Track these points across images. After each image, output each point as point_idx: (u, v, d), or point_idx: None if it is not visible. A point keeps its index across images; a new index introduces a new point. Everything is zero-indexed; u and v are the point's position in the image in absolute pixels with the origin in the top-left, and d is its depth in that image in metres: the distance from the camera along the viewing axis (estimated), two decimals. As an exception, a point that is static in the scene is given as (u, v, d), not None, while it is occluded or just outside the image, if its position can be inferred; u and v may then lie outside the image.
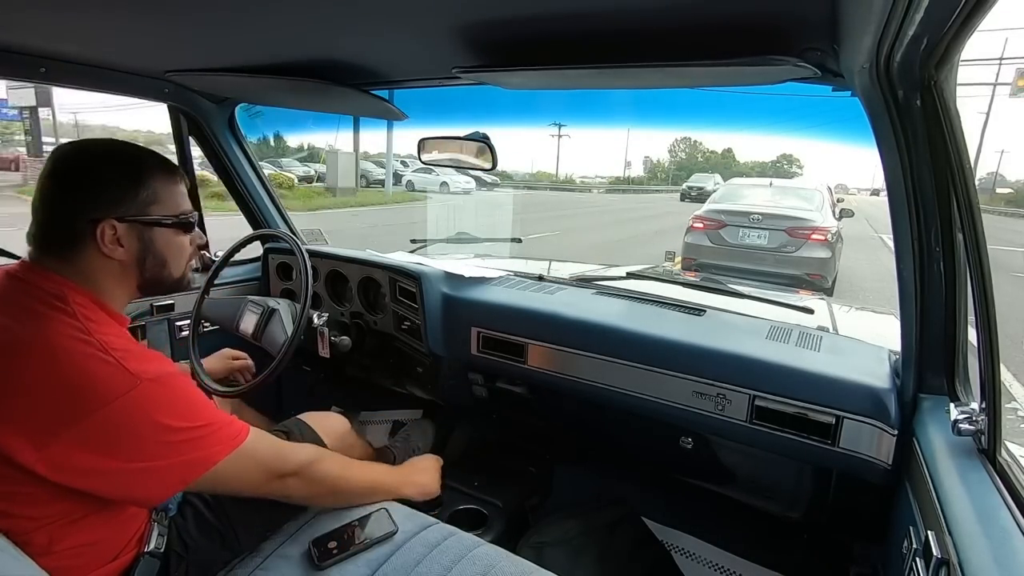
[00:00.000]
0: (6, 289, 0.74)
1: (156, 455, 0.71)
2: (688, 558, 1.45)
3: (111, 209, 0.76)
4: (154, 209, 0.80)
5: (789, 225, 5.40)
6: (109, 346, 0.70)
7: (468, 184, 16.02)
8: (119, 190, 0.77)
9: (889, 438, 0.95)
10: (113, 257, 0.77)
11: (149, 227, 0.80)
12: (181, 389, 0.75)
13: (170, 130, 1.64)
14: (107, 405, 0.67)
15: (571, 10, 0.76)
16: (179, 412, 0.73)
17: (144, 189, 0.79)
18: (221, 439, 0.77)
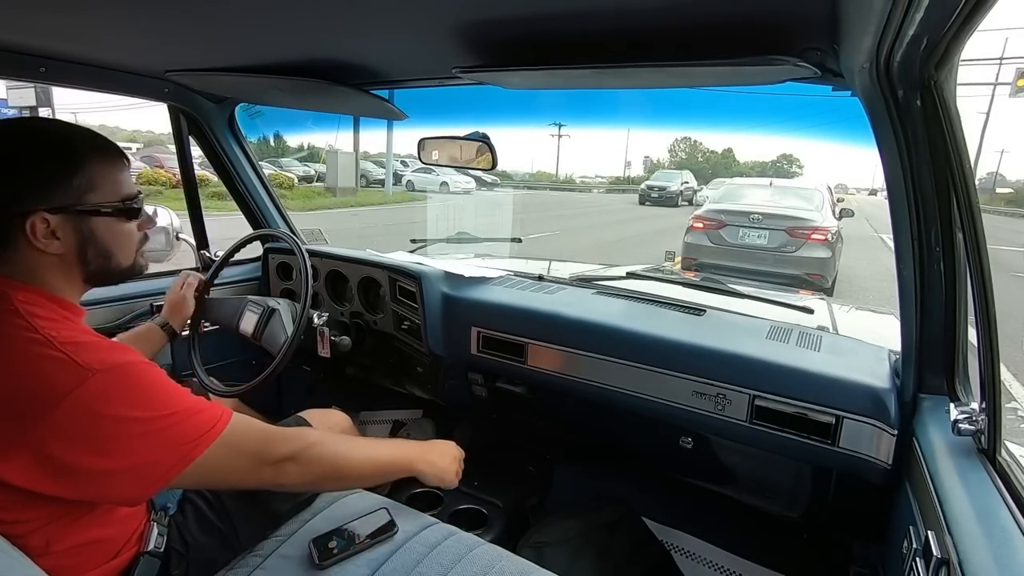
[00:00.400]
0: None
1: (125, 451, 0.65)
2: (688, 558, 1.45)
3: (40, 200, 0.68)
4: (91, 197, 0.72)
5: (789, 225, 5.40)
6: (58, 340, 0.65)
7: (468, 184, 16.01)
8: (49, 178, 0.69)
9: (889, 438, 0.95)
10: (48, 251, 0.70)
11: (87, 217, 0.72)
12: (141, 377, 0.68)
13: (170, 130, 1.65)
14: (60, 403, 0.62)
15: (571, 10, 0.76)
16: (140, 402, 0.66)
17: (78, 175, 0.71)
18: (197, 427, 0.70)
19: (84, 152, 0.72)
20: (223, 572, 0.91)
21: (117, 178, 0.76)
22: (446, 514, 1.39)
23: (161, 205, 1.68)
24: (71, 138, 0.72)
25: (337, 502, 1.05)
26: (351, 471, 0.89)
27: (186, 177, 1.68)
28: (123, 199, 0.76)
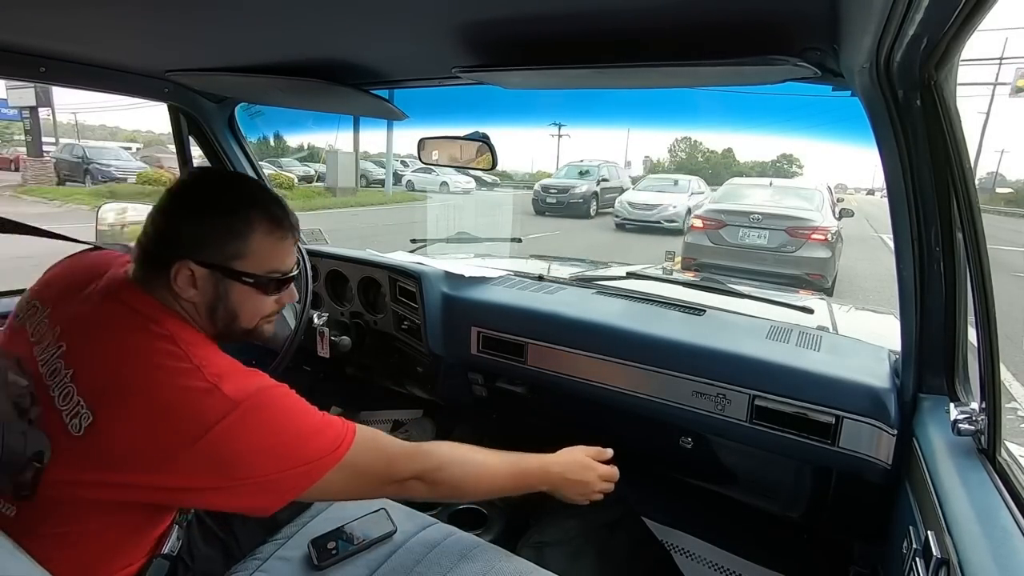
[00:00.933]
0: (109, 311, 0.73)
1: (254, 472, 0.68)
2: (688, 558, 1.45)
3: (195, 251, 0.74)
4: (239, 264, 0.76)
5: (789, 225, 5.41)
6: (206, 369, 0.69)
7: (468, 184, 15.99)
8: (210, 235, 0.74)
9: (889, 438, 0.95)
10: (183, 297, 0.75)
11: (227, 279, 0.76)
12: (277, 402, 0.72)
13: (170, 130, 1.65)
14: (206, 434, 0.65)
15: (571, 10, 0.76)
16: (276, 428, 0.70)
17: (237, 242, 0.75)
18: (322, 447, 0.72)
19: (253, 222, 0.76)
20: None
21: (272, 252, 0.78)
22: (445, 514, 1.39)
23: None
24: (249, 204, 0.76)
25: (336, 503, 1.05)
26: (479, 491, 0.90)
27: (186, 177, 1.68)
28: (268, 272, 0.79)
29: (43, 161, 15.52)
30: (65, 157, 15.67)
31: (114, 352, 0.69)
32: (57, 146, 17.40)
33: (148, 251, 0.76)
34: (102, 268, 0.80)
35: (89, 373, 0.68)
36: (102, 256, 0.86)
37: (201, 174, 0.80)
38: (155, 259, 0.75)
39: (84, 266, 0.83)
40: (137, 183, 14.38)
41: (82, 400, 0.66)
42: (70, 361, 0.69)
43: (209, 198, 0.76)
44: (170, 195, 0.77)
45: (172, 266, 0.73)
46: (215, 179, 0.79)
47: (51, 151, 16.56)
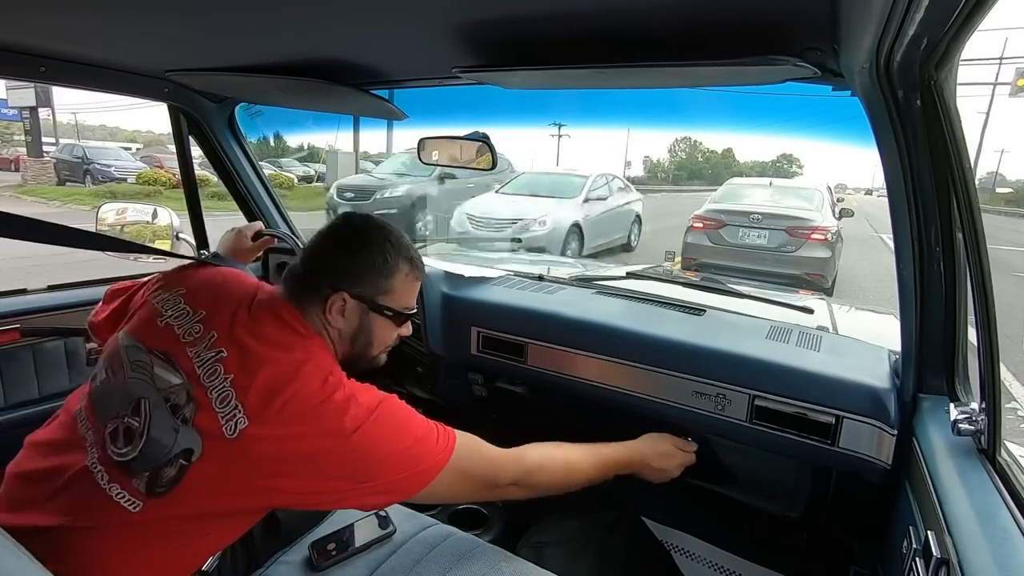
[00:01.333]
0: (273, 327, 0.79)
1: (391, 473, 0.75)
2: (688, 558, 1.45)
3: (351, 284, 0.84)
4: (384, 299, 0.87)
5: (789, 225, 5.41)
6: (344, 384, 0.77)
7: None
8: (365, 272, 0.85)
9: (889, 438, 0.95)
10: (333, 324, 0.84)
11: (372, 312, 0.86)
12: (400, 411, 0.80)
13: (170, 130, 1.64)
14: (350, 437, 0.72)
15: (571, 10, 0.76)
16: (393, 437, 0.76)
17: (386, 280, 0.86)
18: (430, 452, 0.79)
19: (399, 264, 0.87)
20: None
21: (409, 292, 0.90)
22: (445, 514, 1.39)
23: (161, 205, 1.68)
24: (395, 248, 0.87)
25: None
26: (571, 487, 0.97)
27: (186, 177, 1.68)
28: (404, 308, 0.90)
29: (43, 161, 15.53)
30: (65, 157, 15.67)
31: (273, 363, 0.74)
32: (57, 146, 17.40)
33: (303, 280, 0.85)
34: (249, 286, 0.89)
35: (248, 380, 0.72)
36: (235, 273, 0.94)
37: (352, 218, 0.89)
38: (310, 287, 0.84)
39: (229, 281, 0.90)
40: (137, 183, 14.38)
41: (240, 405, 0.70)
42: (230, 367, 0.73)
43: (363, 240, 0.86)
44: (326, 234, 0.88)
45: (328, 295, 0.82)
46: (366, 224, 0.88)
47: (51, 151, 16.56)
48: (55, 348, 1.38)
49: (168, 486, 0.69)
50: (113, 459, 0.71)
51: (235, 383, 0.71)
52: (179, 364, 0.74)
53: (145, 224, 1.64)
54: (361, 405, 0.75)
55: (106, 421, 0.74)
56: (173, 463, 0.69)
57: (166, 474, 0.69)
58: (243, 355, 0.74)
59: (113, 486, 0.70)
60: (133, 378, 0.76)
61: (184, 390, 0.72)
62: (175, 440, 0.69)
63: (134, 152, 21.65)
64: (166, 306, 0.84)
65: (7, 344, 1.29)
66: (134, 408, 0.73)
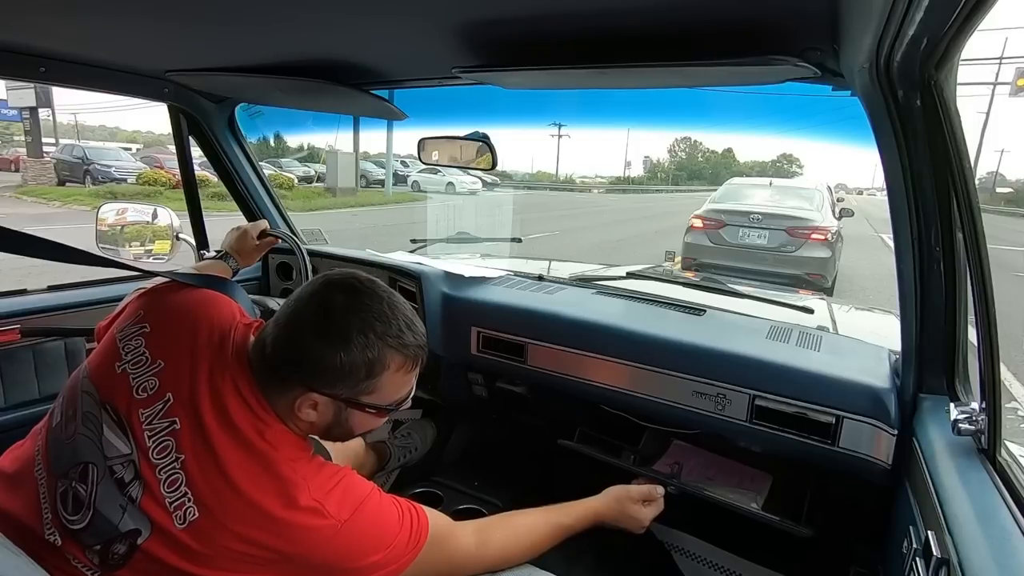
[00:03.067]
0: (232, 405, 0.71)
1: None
2: (688, 558, 1.45)
3: (324, 385, 0.72)
4: (366, 398, 0.75)
5: (789, 225, 5.41)
6: (311, 485, 0.70)
7: (474, 184, 15.93)
8: (343, 374, 0.72)
9: (889, 438, 0.95)
10: (303, 419, 0.74)
11: (350, 408, 0.76)
12: (370, 519, 0.73)
13: (170, 130, 1.65)
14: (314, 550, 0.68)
15: (571, 10, 0.76)
16: (370, 546, 0.72)
17: (368, 383, 0.74)
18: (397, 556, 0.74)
19: (387, 360, 0.73)
20: None
21: (400, 386, 0.78)
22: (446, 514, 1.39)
23: (161, 205, 1.68)
24: (383, 338, 0.73)
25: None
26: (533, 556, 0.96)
27: (186, 177, 1.68)
28: (391, 403, 0.79)
29: (43, 162, 15.53)
30: (65, 158, 15.68)
31: (230, 455, 0.68)
32: (57, 147, 17.41)
33: (269, 367, 0.73)
34: (221, 329, 0.77)
35: (200, 467, 0.66)
36: (209, 303, 0.82)
37: (333, 298, 0.73)
38: (277, 375, 0.73)
39: (199, 319, 0.79)
40: (137, 184, 14.39)
41: (190, 493, 0.65)
42: (183, 445, 0.67)
43: (343, 333, 0.71)
44: (302, 315, 0.73)
45: (296, 393, 0.72)
46: (349, 306, 0.73)
47: (51, 152, 16.57)
48: (55, 348, 1.38)
49: (121, 561, 0.65)
50: (65, 525, 0.67)
51: (186, 466, 0.66)
52: (130, 429, 0.69)
53: (145, 224, 1.64)
54: (331, 513, 0.69)
55: (58, 477, 0.69)
56: (123, 540, 0.65)
57: (117, 549, 0.65)
58: (198, 433, 0.68)
59: (69, 554, 0.67)
60: (83, 435, 0.70)
61: (131, 463, 0.67)
62: (121, 518, 0.65)
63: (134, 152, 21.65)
64: (127, 346, 0.76)
65: (7, 344, 1.29)
66: (81, 473, 0.68)
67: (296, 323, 0.73)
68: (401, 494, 1.42)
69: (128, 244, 1.61)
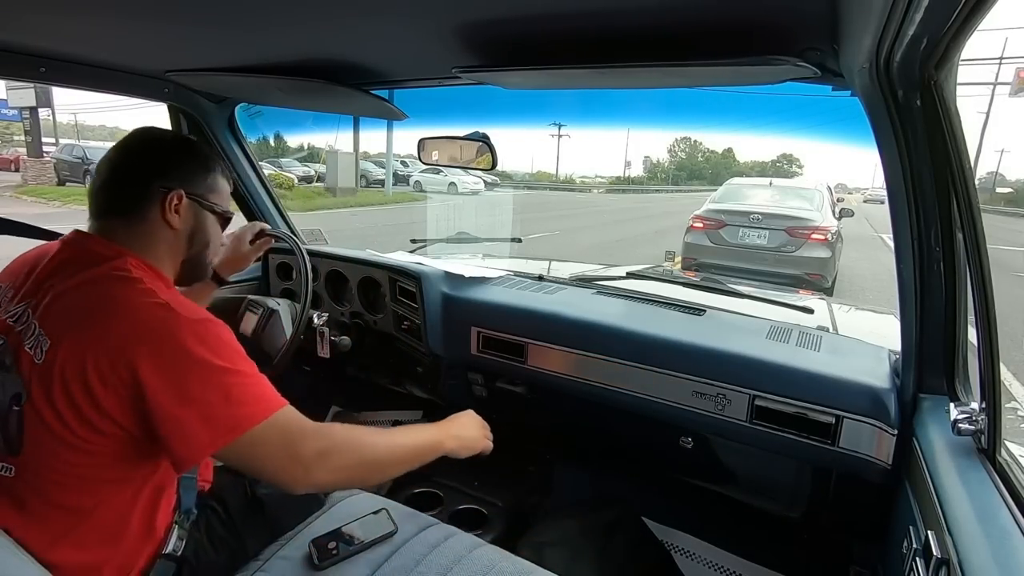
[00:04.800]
0: (70, 257, 0.79)
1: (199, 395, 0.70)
2: (688, 558, 1.45)
3: (182, 183, 0.85)
4: (212, 197, 0.89)
5: (789, 225, 5.40)
6: (160, 293, 0.76)
7: (476, 184, 15.91)
8: (193, 171, 0.87)
9: (889, 438, 0.95)
10: (171, 224, 0.84)
11: (204, 210, 0.89)
12: (224, 332, 0.77)
13: (170, 130, 1.65)
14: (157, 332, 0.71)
15: (571, 10, 0.76)
16: (221, 352, 0.74)
17: (211, 178, 0.89)
18: (261, 395, 0.75)
19: (214, 166, 0.91)
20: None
21: (226, 191, 0.94)
22: (446, 514, 1.39)
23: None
24: (208, 151, 0.93)
25: (337, 503, 1.05)
26: (382, 471, 0.89)
27: (186, 177, 1.68)
28: (225, 210, 0.93)
29: (43, 161, 15.53)
30: (65, 157, 15.67)
31: (72, 285, 0.75)
32: (57, 146, 17.39)
33: (117, 194, 0.83)
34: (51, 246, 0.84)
35: (49, 308, 0.73)
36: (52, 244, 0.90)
37: (153, 130, 0.90)
38: (129, 199, 0.83)
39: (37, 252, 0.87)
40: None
41: (41, 330, 0.71)
42: (35, 308, 0.74)
43: (181, 145, 0.90)
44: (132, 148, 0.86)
45: (163, 195, 0.82)
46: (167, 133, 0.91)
47: (51, 151, 16.56)
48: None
49: (17, 439, 0.69)
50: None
51: (40, 316, 0.73)
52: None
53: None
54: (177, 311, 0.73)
55: None
56: (11, 413, 0.70)
57: (11, 427, 0.70)
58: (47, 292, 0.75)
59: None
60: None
61: (3, 343, 0.74)
62: (3, 390, 0.70)
63: (134, 152, 21.58)
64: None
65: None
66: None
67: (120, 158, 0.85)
68: (401, 495, 1.43)
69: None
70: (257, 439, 0.73)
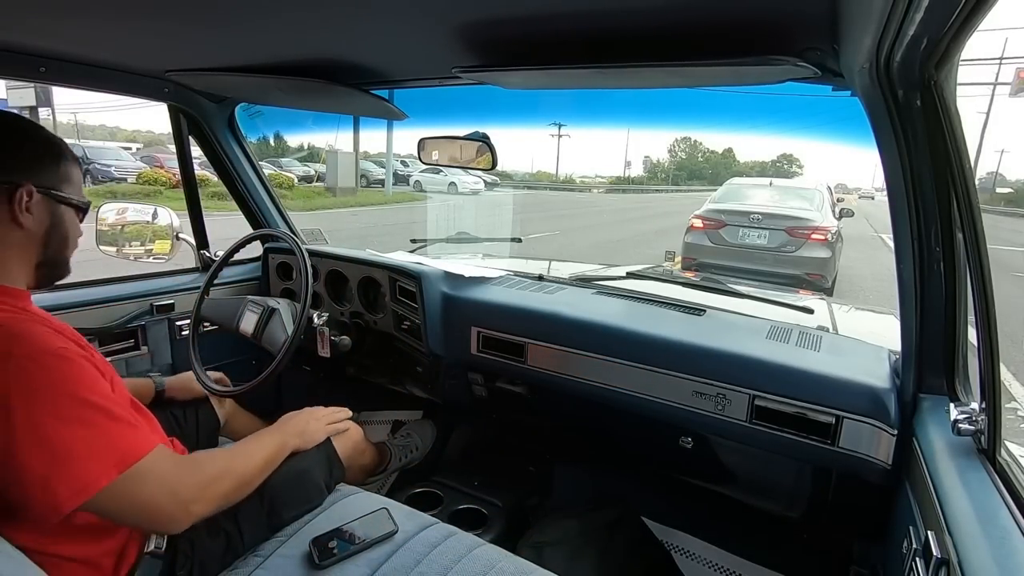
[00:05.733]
0: None
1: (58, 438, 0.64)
2: (688, 558, 1.45)
3: (30, 176, 0.75)
4: (66, 188, 0.81)
5: (789, 225, 5.40)
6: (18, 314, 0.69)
7: (476, 184, 15.92)
8: (39, 160, 0.78)
9: (889, 438, 0.95)
10: (22, 224, 0.75)
11: (59, 204, 0.80)
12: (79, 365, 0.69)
13: (170, 130, 1.65)
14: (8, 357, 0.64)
15: (571, 10, 0.76)
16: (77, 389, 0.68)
17: (62, 166, 0.80)
18: (137, 436, 0.71)
19: (64, 151, 0.81)
20: (225, 573, 0.91)
21: (79, 180, 0.84)
22: (446, 514, 1.39)
23: (161, 205, 1.68)
24: (55, 138, 0.82)
25: (338, 502, 1.05)
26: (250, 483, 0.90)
27: (186, 177, 1.69)
28: (83, 200, 0.84)
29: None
30: (65, 157, 15.64)
31: None
32: (57, 146, 17.36)
33: None
34: None
35: None
36: None
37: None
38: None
39: None
40: (137, 183, 14.38)
41: None
42: None
43: (28, 132, 0.78)
44: None
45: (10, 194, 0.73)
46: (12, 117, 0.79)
47: (51, 151, 16.52)
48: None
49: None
50: None
51: None
52: None
53: (145, 224, 1.65)
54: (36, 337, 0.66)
55: None
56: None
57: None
58: None
59: None
60: None
61: None
62: None
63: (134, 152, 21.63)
64: None
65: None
66: None
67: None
68: (401, 495, 1.43)
69: (128, 244, 1.61)
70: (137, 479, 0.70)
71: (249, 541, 0.95)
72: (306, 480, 1.03)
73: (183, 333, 1.62)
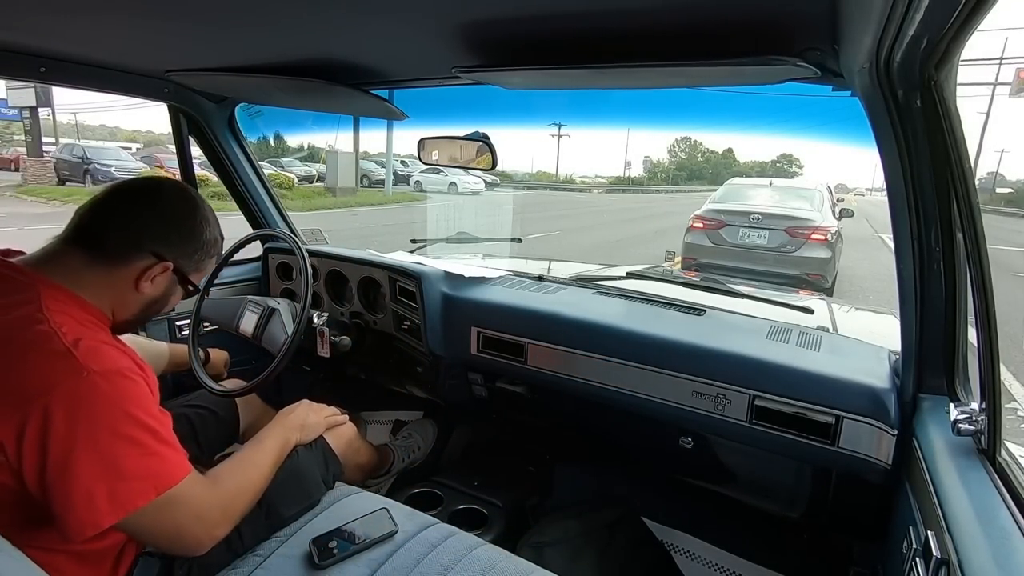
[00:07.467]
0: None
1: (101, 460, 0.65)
2: (688, 558, 1.45)
3: (178, 257, 0.80)
4: (195, 277, 0.86)
5: (789, 225, 5.40)
6: (67, 335, 0.68)
7: (477, 184, 15.92)
8: (197, 251, 0.82)
9: (889, 438, 0.95)
10: (141, 291, 0.79)
11: (178, 284, 0.85)
12: (135, 389, 0.71)
13: (170, 130, 1.65)
14: (51, 392, 0.64)
15: (571, 10, 0.76)
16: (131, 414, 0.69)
17: (207, 261, 0.86)
18: (176, 461, 0.72)
19: (216, 251, 0.87)
20: (225, 572, 0.91)
21: (209, 271, 0.90)
22: (446, 514, 1.39)
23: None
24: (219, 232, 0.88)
25: (338, 502, 1.05)
26: (261, 490, 0.92)
27: (186, 177, 1.69)
28: (197, 287, 0.89)
29: (43, 161, 15.52)
30: (65, 157, 15.65)
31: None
32: (57, 146, 17.38)
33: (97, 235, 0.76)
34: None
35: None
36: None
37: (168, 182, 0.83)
38: (115, 243, 0.77)
39: None
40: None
41: None
42: None
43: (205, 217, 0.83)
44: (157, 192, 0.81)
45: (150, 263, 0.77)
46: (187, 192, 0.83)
47: (51, 151, 16.54)
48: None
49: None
50: None
51: None
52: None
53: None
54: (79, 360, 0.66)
55: None
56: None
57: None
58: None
59: None
60: None
61: None
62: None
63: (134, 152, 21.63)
64: None
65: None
66: None
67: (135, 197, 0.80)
68: (401, 495, 1.43)
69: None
70: (172, 502, 0.71)
71: (249, 541, 0.95)
72: (303, 477, 1.03)
73: (183, 333, 1.62)
